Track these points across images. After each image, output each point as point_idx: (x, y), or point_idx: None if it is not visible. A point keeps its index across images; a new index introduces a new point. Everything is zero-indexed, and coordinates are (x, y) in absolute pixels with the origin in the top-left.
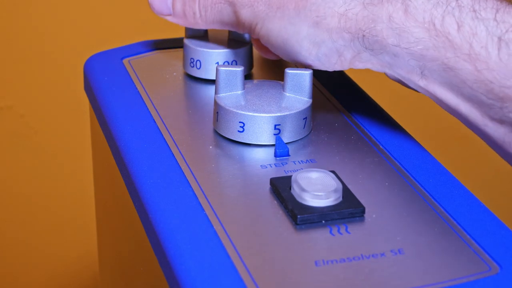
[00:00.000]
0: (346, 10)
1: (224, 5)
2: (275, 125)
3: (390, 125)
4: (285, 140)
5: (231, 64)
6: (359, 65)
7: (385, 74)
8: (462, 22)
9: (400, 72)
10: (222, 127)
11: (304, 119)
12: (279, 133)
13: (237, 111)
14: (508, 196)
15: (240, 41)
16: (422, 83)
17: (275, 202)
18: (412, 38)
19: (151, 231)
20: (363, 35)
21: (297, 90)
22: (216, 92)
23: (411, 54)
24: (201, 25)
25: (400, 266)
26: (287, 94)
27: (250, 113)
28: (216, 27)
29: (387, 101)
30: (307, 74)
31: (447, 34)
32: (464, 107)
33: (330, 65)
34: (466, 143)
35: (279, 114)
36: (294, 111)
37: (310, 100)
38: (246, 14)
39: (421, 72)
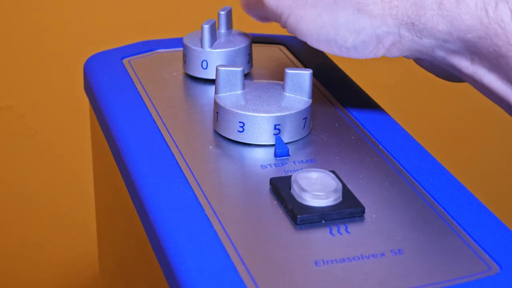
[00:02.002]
0: (392, 1)
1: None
2: (275, 125)
3: (390, 125)
4: (285, 140)
5: (231, 64)
6: (396, 53)
7: (417, 61)
8: None
9: (447, 59)
10: (222, 127)
11: (304, 119)
12: (279, 133)
13: (237, 111)
14: (508, 196)
15: (240, 40)
16: (470, 70)
17: (275, 202)
18: (464, 26)
19: (151, 231)
20: (412, 22)
21: (297, 90)
22: (216, 92)
23: (462, 41)
24: (261, 19)
25: (400, 266)
26: (287, 94)
27: (250, 113)
28: (258, 13)
29: (387, 101)
30: (307, 74)
31: (500, 21)
32: None
33: (365, 53)
34: (466, 143)
35: (279, 114)
36: (294, 111)
37: (310, 100)
38: (270, 3)
39: (471, 59)
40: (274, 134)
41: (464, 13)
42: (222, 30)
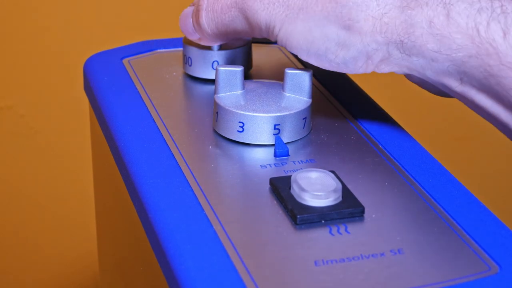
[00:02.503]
0: (382, 14)
1: (235, 12)
2: (275, 125)
3: (390, 125)
4: (285, 140)
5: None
6: (385, 69)
7: (408, 76)
8: (508, 29)
9: (436, 77)
10: (222, 127)
11: (304, 119)
12: (278, 133)
13: (237, 111)
14: (508, 196)
15: (240, 40)
16: (460, 89)
17: (275, 202)
18: (454, 45)
19: (151, 231)
20: (401, 40)
21: (297, 90)
22: (216, 92)
23: (451, 61)
24: (220, 38)
25: (400, 266)
26: (287, 94)
27: (250, 113)
28: (230, 38)
29: (387, 101)
30: (307, 74)
31: (492, 41)
32: (505, 115)
33: (355, 68)
34: (466, 143)
35: (279, 114)
36: (294, 111)
37: (310, 100)
38: (261, 18)
39: (460, 78)
40: (274, 134)
41: (454, 32)
42: None
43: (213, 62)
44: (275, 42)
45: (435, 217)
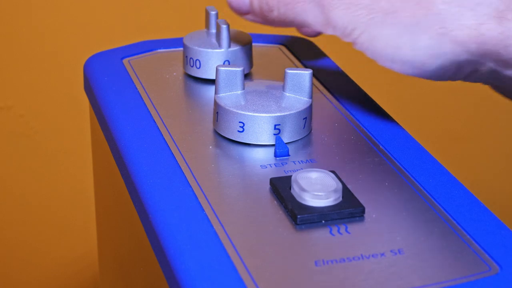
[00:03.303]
0: (477, 24)
1: (309, 5)
2: (275, 125)
3: (390, 125)
4: (285, 140)
5: (231, 64)
6: (473, 79)
7: (495, 88)
8: None
9: None
10: (222, 127)
11: (304, 119)
12: (279, 133)
13: (237, 111)
14: (508, 196)
15: (240, 40)
16: None
17: (275, 202)
18: None
19: (151, 231)
20: (498, 51)
21: (297, 90)
22: (216, 92)
23: None
24: (277, 23)
25: (400, 266)
26: (287, 94)
27: (250, 113)
28: (295, 25)
29: (387, 101)
30: (307, 74)
31: None
32: None
33: (442, 77)
34: (466, 143)
35: (279, 114)
36: (294, 111)
37: (310, 100)
38: (340, 17)
39: None
40: (274, 134)
41: None
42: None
43: (214, 62)
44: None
45: (435, 217)
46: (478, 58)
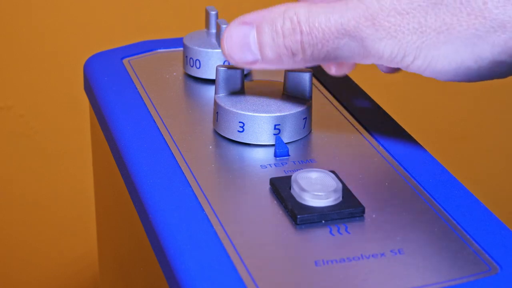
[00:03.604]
0: None
1: (344, 40)
2: (275, 125)
3: (390, 125)
4: (285, 140)
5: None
6: None
7: None
8: None
9: None
10: (222, 127)
11: (304, 119)
12: (279, 133)
13: (237, 111)
14: (508, 196)
15: None
16: None
17: (275, 202)
18: None
19: (151, 231)
20: None
21: (297, 90)
22: (216, 92)
23: None
24: (301, 65)
25: (400, 266)
26: (287, 94)
27: (250, 113)
28: (325, 63)
29: (387, 101)
30: (307, 74)
31: None
32: None
33: (506, 76)
34: (466, 143)
35: (279, 114)
36: (294, 111)
37: (310, 100)
38: (386, 47)
39: None
40: (274, 134)
41: None
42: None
43: (214, 62)
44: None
45: (435, 217)
46: None
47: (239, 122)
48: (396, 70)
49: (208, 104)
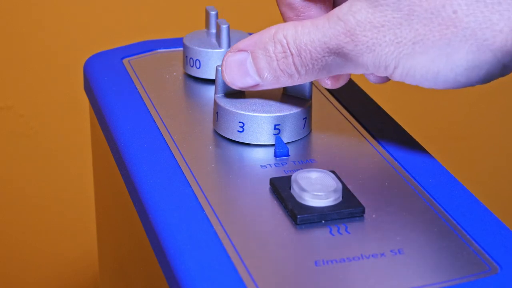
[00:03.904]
0: (509, 24)
1: (330, 58)
2: (275, 125)
3: (390, 125)
4: (285, 140)
5: None
6: None
7: None
8: None
9: None
10: (222, 127)
11: (304, 119)
12: (279, 133)
13: (237, 111)
14: (508, 196)
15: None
16: None
17: (275, 202)
18: None
19: (151, 231)
20: None
21: (297, 90)
22: (216, 92)
23: None
24: (300, 82)
25: (400, 266)
26: (287, 94)
27: (250, 113)
28: (322, 77)
29: (387, 100)
30: None
31: None
32: None
33: (490, 80)
34: (466, 143)
35: (279, 114)
36: (294, 111)
37: (310, 100)
38: (367, 60)
39: None
40: (274, 134)
41: None
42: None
43: (214, 62)
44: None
45: (435, 217)
46: None
47: (239, 122)
48: (384, 80)
49: (208, 104)
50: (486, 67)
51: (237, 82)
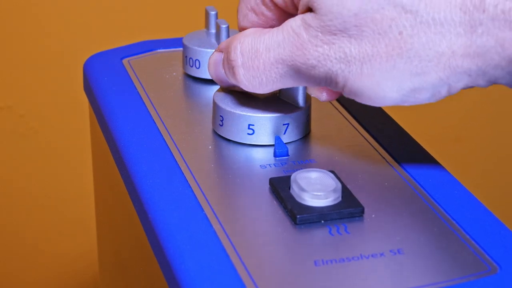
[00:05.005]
0: (450, 45)
1: (282, 70)
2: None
3: (390, 124)
4: (285, 140)
5: None
6: (466, 87)
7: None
8: None
9: None
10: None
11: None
12: (278, 133)
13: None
14: (508, 196)
15: None
16: None
17: (275, 202)
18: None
19: (150, 231)
20: (481, 66)
21: (290, 97)
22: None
23: None
24: (261, 91)
25: (400, 266)
26: (287, 94)
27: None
28: (281, 87)
29: None
30: None
31: None
32: None
33: (438, 99)
34: (466, 143)
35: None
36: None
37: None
38: (318, 73)
39: None
40: (274, 134)
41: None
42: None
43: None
44: None
45: (435, 217)
46: (466, 76)
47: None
48: (335, 96)
49: (207, 104)
50: (431, 88)
51: (220, 80)
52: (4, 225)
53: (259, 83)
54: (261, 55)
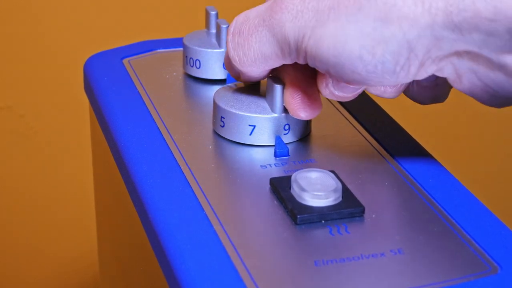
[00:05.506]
0: None
1: (262, 32)
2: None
3: (390, 124)
4: (285, 140)
5: None
6: (432, 67)
7: (456, 83)
8: None
9: (495, 61)
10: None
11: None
12: (279, 133)
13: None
14: (508, 196)
15: None
16: None
17: (275, 202)
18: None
19: (151, 231)
20: (450, 11)
21: (270, 101)
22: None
23: (510, 33)
24: (245, 71)
25: (400, 266)
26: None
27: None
28: (261, 68)
29: (386, 101)
30: (278, 86)
31: None
32: None
33: (395, 69)
34: (466, 143)
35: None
36: None
37: None
38: (289, 30)
39: None
40: (274, 134)
41: None
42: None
43: (214, 62)
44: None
45: (435, 217)
46: (429, 31)
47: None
48: (399, 91)
49: (208, 104)
50: (392, 43)
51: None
52: (4, 225)
53: (242, 52)
54: (248, 20)
